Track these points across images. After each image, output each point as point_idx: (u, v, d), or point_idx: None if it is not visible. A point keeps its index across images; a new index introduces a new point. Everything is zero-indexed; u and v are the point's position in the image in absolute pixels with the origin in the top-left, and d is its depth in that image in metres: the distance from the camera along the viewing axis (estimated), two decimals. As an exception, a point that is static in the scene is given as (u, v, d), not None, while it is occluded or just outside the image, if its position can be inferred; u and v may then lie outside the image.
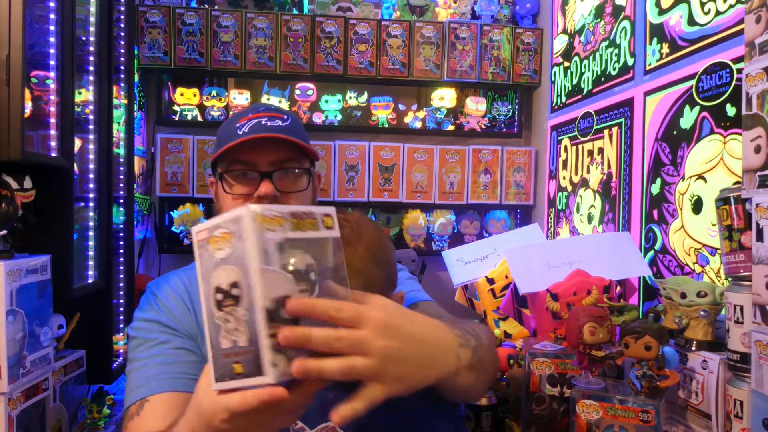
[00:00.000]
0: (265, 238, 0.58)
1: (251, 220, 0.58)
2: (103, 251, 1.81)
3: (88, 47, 1.81)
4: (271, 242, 0.59)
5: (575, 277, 1.40)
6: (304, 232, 0.63)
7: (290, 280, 0.60)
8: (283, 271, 0.60)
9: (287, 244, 0.60)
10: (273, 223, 0.60)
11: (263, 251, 0.58)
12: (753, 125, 0.92)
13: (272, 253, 0.59)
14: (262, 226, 0.59)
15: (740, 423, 0.95)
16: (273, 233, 0.59)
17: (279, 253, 0.59)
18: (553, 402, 1.22)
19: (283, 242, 0.60)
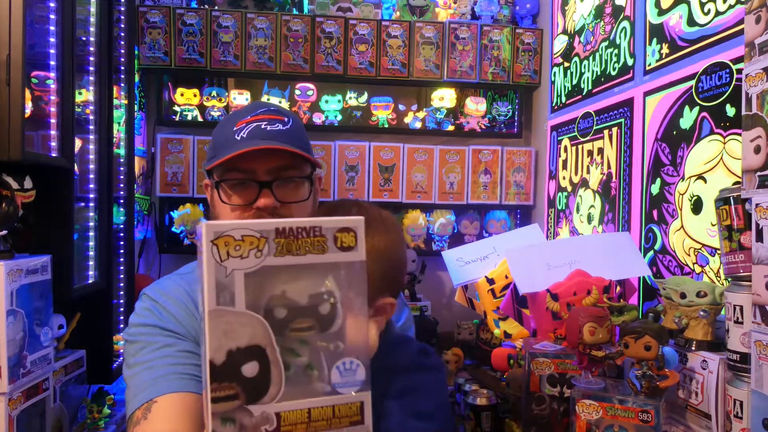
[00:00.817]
0: (220, 268, 0.48)
1: (207, 242, 0.48)
2: (104, 251, 1.81)
3: (89, 47, 1.81)
4: (233, 274, 0.48)
5: (575, 277, 1.40)
6: (297, 257, 0.51)
7: (261, 323, 0.50)
8: (251, 312, 0.50)
9: (267, 274, 0.50)
10: (243, 246, 0.49)
11: (216, 286, 0.48)
12: (753, 125, 0.92)
13: (234, 287, 0.49)
14: (224, 250, 0.48)
15: (740, 423, 0.95)
16: (238, 260, 0.48)
17: (249, 287, 0.49)
18: (553, 402, 1.22)
19: (258, 271, 0.49)
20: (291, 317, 0.53)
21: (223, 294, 0.49)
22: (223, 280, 0.49)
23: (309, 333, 0.53)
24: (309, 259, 0.52)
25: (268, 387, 0.52)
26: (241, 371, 0.50)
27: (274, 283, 0.52)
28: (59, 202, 1.57)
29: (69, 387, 1.55)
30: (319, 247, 0.53)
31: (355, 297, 0.55)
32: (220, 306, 0.49)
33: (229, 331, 0.50)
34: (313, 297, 0.53)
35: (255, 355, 0.51)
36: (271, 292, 0.52)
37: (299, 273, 0.52)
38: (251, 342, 0.51)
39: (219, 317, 0.49)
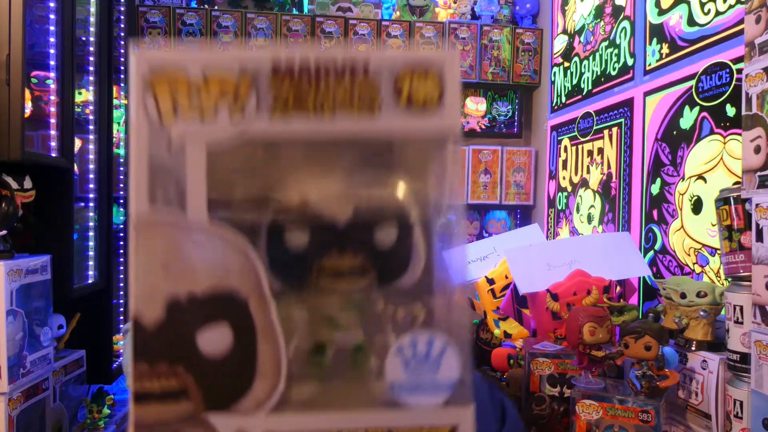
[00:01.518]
0: (159, 134, 0.27)
1: (138, 84, 0.27)
2: (104, 251, 1.81)
3: (89, 47, 1.81)
4: (185, 148, 0.27)
5: (575, 277, 1.40)
6: (317, 120, 0.28)
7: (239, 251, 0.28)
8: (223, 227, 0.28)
9: (256, 154, 0.29)
10: (207, 95, 0.28)
11: (149, 172, 0.27)
12: (753, 125, 0.92)
13: (186, 176, 0.27)
14: (168, 101, 0.27)
15: (740, 423, 0.95)
16: (197, 123, 0.27)
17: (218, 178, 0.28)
18: (553, 402, 1.22)
19: (238, 146, 0.27)
20: (317, 248, 0.29)
21: (164, 186, 0.27)
22: (164, 159, 0.26)
23: (355, 282, 0.29)
24: (343, 126, 0.28)
25: (252, 380, 0.28)
26: (195, 343, 0.27)
27: (274, 175, 0.29)
28: (59, 202, 1.57)
29: (69, 387, 1.55)
30: (364, 102, 0.28)
31: (442, 212, 0.30)
32: (156, 211, 0.26)
33: (175, 259, 0.27)
34: (361, 211, 0.29)
35: (225, 313, 0.27)
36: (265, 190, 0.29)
37: (325, 155, 0.29)
38: (219, 288, 0.27)
39: (154, 232, 0.26)
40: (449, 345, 0.29)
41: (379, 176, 0.30)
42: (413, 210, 0.30)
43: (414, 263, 0.30)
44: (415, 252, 0.30)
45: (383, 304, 0.31)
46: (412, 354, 0.29)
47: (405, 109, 0.28)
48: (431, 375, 0.28)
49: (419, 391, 0.28)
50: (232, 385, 0.28)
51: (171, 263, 0.27)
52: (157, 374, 0.27)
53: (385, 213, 0.30)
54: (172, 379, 0.27)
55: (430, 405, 0.28)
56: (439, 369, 0.29)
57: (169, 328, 0.27)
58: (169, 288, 0.27)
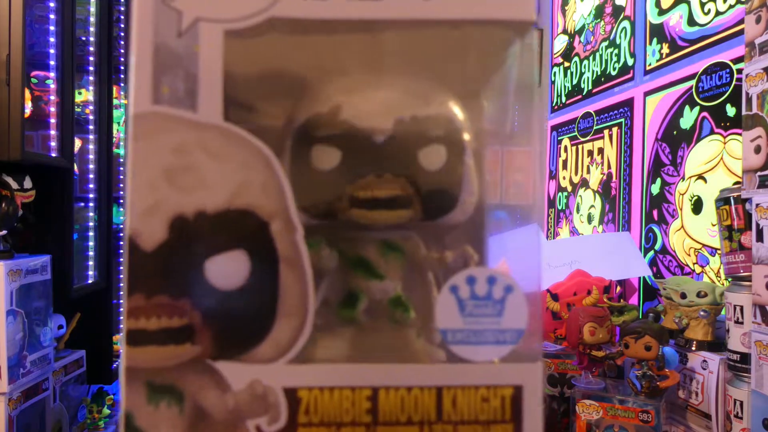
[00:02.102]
0: (166, 13, 0.22)
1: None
2: (104, 251, 1.81)
3: (89, 47, 1.81)
4: (197, 30, 0.21)
5: (575, 277, 1.40)
6: (356, 1, 0.22)
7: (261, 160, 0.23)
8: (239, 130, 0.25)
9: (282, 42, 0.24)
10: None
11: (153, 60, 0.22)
12: (753, 125, 0.92)
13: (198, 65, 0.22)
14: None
15: (740, 423, 0.95)
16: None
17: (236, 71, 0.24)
18: (553, 402, 1.22)
19: (259, 31, 0.22)
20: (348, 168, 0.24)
21: (171, 79, 0.21)
22: (172, 46, 0.21)
23: (395, 214, 0.24)
24: (389, 8, 0.22)
25: (272, 320, 0.22)
26: (204, 272, 0.22)
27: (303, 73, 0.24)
28: (59, 202, 1.57)
29: (69, 387, 1.55)
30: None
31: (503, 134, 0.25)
32: (160, 110, 0.21)
33: (181, 168, 0.21)
34: (404, 122, 0.23)
35: (242, 236, 0.22)
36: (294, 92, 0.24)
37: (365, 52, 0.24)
38: (234, 203, 0.22)
39: (156, 133, 0.21)
40: (515, 286, 0.22)
41: (429, 84, 0.24)
42: (467, 131, 0.25)
43: (466, 195, 0.25)
44: (467, 181, 0.24)
45: (428, 247, 0.25)
46: (470, 294, 0.22)
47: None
48: (492, 321, 0.23)
49: (476, 341, 0.22)
50: (247, 326, 0.22)
51: (177, 174, 0.22)
52: (156, 309, 0.22)
53: (434, 129, 0.24)
54: (174, 315, 0.22)
55: (490, 359, 0.23)
56: (503, 315, 0.22)
57: (173, 252, 0.22)
58: (174, 203, 0.22)
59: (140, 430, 0.21)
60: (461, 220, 0.25)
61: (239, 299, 0.22)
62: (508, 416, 0.22)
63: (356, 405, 0.21)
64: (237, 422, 0.21)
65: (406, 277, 0.25)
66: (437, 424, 0.22)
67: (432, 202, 0.24)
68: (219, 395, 0.22)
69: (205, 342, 0.22)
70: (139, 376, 0.21)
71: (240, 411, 0.21)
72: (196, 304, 0.22)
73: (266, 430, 0.21)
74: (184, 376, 0.22)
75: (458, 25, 0.22)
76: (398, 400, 0.21)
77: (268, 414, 0.21)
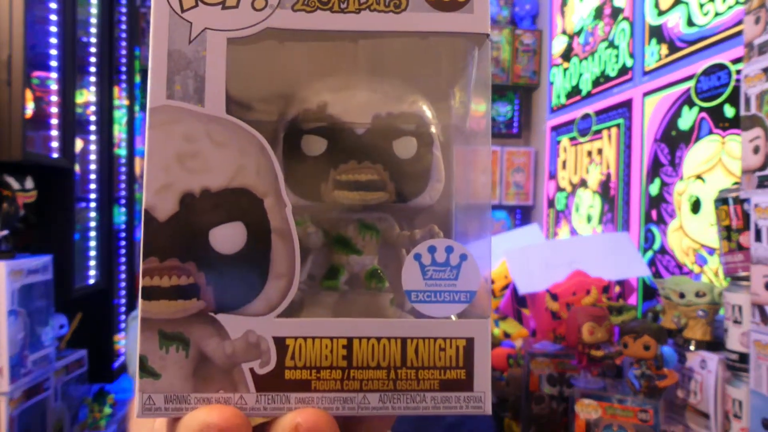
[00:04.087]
0: (179, 24, 0.26)
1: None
2: (105, 252, 1.82)
3: (90, 48, 1.81)
4: (205, 38, 0.27)
5: (574, 277, 1.40)
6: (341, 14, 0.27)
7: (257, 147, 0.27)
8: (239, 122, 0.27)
9: (277, 47, 0.28)
10: None
11: (168, 61, 0.26)
12: (751, 126, 0.93)
13: (205, 67, 0.26)
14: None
15: (739, 423, 0.96)
16: (218, 12, 0.27)
17: (237, 71, 0.27)
18: (553, 401, 1.22)
19: (257, 39, 0.27)
20: (333, 155, 0.29)
21: (182, 78, 0.26)
22: (184, 48, 0.26)
23: (373, 195, 0.29)
24: (367, 21, 0.27)
25: (264, 280, 0.27)
26: (208, 240, 0.26)
27: (294, 75, 0.29)
28: (60, 203, 1.57)
29: (70, 387, 1.55)
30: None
31: (465, 128, 0.30)
32: (172, 101, 0.26)
33: (189, 153, 0.26)
34: (381, 118, 0.29)
35: (240, 210, 0.27)
36: (287, 91, 0.29)
37: (347, 57, 0.29)
38: (233, 183, 0.27)
39: (170, 125, 0.26)
40: (469, 255, 0.27)
41: (402, 85, 0.30)
42: (435, 125, 0.30)
43: (433, 181, 0.29)
44: (435, 169, 0.29)
45: (401, 227, 0.30)
46: (431, 261, 0.27)
47: (432, 5, 0.27)
48: (449, 284, 0.27)
49: (435, 300, 0.27)
50: (243, 285, 0.27)
51: (186, 157, 0.26)
52: (167, 270, 0.26)
53: (406, 124, 0.29)
54: (182, 275, 0.26)
55: (447, 315, 0.27)
56: (458, 279, 0.27)
57: (182, 223, 0.26)
58: (183, 182, 0.26)
59: (152, 370, 0.26)
60: (429, 203, 0.30)
61: (237, 263, 0.26)
62: (461, 363, 0.27)
63: (334, 352, 0.27)
64: (234, 365, 0.26)
65: (382, 253, 0.30)
66: (402, 369, 0.27)
67: (404, 186, 0.29)
68: (219, 342, 0.26)
69: (208, 298, 0.26)
70: (152, 326, 0.26)
71: (236, 356, 0.26)
72: (201, 266, 0.26)
73: (259, 372, 0.26)
74: (190, 326, 0.26)
75: (426, 36, 0.27)
76: (369, 349, 0.27)
77: (260, 359, 0.26)
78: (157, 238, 0.26)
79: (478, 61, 0.29)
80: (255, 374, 0.26)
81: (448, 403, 0.27)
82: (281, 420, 0.25)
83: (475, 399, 0.27)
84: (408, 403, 0.27)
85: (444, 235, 0.29)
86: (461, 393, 0.27)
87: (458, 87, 0.30)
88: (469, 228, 0.30)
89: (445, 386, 0.27)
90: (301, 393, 0.26)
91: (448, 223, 0.30)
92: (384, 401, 0.27)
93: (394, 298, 0.29)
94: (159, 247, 0.26)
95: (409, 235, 0.30)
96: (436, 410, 0.27)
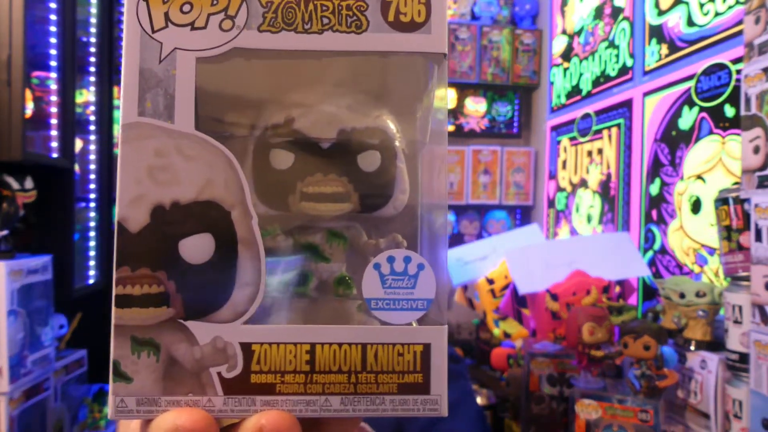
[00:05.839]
0: (150, 44, 0.27)
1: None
2: (105, 251, 1.82)
3: (89, 48, 1.81)
4: (175, 57, 0.28)
5: (574, 277, 1.40)
6: (305, 35, 0.28)
7: (223, 161, 0.28)
8: (208, 138, 0.28)
9: (244, 67, 0.29)
10: (198, 5, 0.28)
11: (139, 79, 0.28)
12: (752, 126, 0.93)
13: (173, 85, 0.28)
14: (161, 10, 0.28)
15: (739, 423, 0.96)
16: (187, 32, 0.28)
17: (205, 89, 0.29)
18: (553, 401, 1.22)
19: (226, 58, 0.28)
20: (299, 169, 0.29)
21: (153, 96, 0.27)
22: (154, 67, 0.27)
23: (338, 206, 0.30)
24: (330, 42, 0.28)
25: (231, 289, 0.28)
26: (177, 250, 0.27)
27: (262, 92, 0.30)
28: (60, 203, 1.57)
29: (70, 387, 1.55)
30: (351, 17, 0.28)
31: (426, 141, 0.31)
32: (144, 118, 0.27)
33: (160, 167, 0.27)
34: (346, 132, 0.30)
35: (208, 222, 0.28)
36: (254, 107, 0.30)
37: (313, 75, 0.30)
38: (201, 196, 0.27)
39: (141, 140, 0.27)
40: (426, 265, 0.29)
41: (366, 101, 0.31)
42: (398, 139, 0.31)
43: (398, 193, 0.31)
44: (399, 181, 0.31)
45: (367, 235, 0.31)
46: (389, 270, 0.29)
47: (390, 27, 0.29)
48: (407, 292, 0.29)
49: (394, 308, 0.29)
50: (211, 293, 0.28)
51: (157, 171, 0.27)
52: (139, 279, 0.27)
53: (370, 138, 0.30)
54: (153, 284, 0.27)
55: (405, 322, 0.29)
56: (416, 287, 0.29)
57: (153, 234, 0.27)
58: (154, 195, 0.27)
59: (125, 374, 0.27)
60: (394, 214, 0.31)
61: (205, 272, 0.28)
62: (419, 367, 0.28)
63: (298, 357, 0.28)
64: (202, 369, 0.27)
65: (350, 260, 0.31)
66: (362, 374, 0.28)
67: (368, 197, 0.30)
68: (188, 347, 0.27)
69: (177, 305, 0.28)
70: (125, 332, 0.27)
71: (204, 360, 0.27)
72: (171, 275, 0.27)
73: (226, 376, 0.27)
74: (161, 332, 0.27)
75: (387, 55, 0.29)
76: (331, 354, 0.28)
77: (227, 363, 0.27)
78: (130, 249, 0.27)
79: (437, 79, 0.30)
80: (222, 378, 0.27)
81: (406, 406, 0.28)
82: (246, 422, 0.26)
83: (432, 402, 0.29)
84: (368, 406, 0.28)
85: (410, 242, 0.30)
86: (418, 396, 0.28)
87: (420, 102, 0.32)
88: (427, 230, 0.32)
89: (403, 389, 0.28)
90: (267, 396, 0.28)
91: (414, 232, 0.31)
92: (345, 404, 0.28)
93: (361, 304, 0.30)
94: (131, 257, 0.27)
95: (375, 244, 0.31)
96: (394, 412, 0.29)
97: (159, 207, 0.27)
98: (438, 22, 0.29)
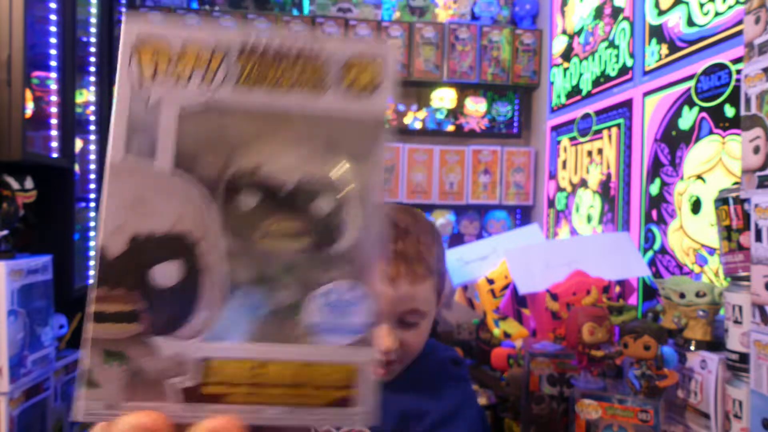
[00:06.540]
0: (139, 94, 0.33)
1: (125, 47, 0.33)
2: (104, 251, 1.82)
3: (89, 48, 1.81)
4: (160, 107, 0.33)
5: (575, 277, 1.40)
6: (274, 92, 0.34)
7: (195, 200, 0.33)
8: (184, 177, 0.33)
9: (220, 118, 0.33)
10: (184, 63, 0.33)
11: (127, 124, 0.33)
12: (752, 126, 0.93)
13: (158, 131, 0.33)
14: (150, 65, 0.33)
15: (739, 423, 0.96)
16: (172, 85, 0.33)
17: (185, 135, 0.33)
18: (553, 402, 1.22)
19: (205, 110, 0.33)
20: (264, 210, 0.33)
21: (138, 139, 0.31)
22: (142, 115, 0.32)
23: (295, 243, 0.34)
24: (293, 99, 0.33)
25: (192, 311, 0.32)
26: (149, 275, 0.32)
27: (234, 140, 0.33)
28: (60, 203, 1.57)
29: (70, 387, 1.55)
30: (314, 81, 0.33)
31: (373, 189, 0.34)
32: (130, 158, 0.31)
33: (141, 202, 0.31)
34: (304, 181, 0.34)
35: (178, 251, 0.32)
36: (226, 153, 0.33)
37: (279, 127, 0.34)
38: (174, 228, 0.32)
39: (125, 177, 0.31)
40: (363, 296, 0.34)
41: (322, 152, 0.35)
42: (349, 186, 0.35)
43: (347, 233, 0.34)
44: (351, 222, 0.34)
45: (317, 269, 0.35)
46: (334, 299, 0.34)
47: (346, 92, 0.34)
48: (346, 318, 0.33)
49: (332, 332, 0.33)
50: (176, 314, 0.32)
51: (137, 205, 0.32)
52: (115, 298, 0.31)
53: (323, 185, 0.34)
54: (127, 303, 0.32)
55: (340, 344, 0.33)
56: (354, 314, 0.33)
57: (129, 260, 0.32)
58: (132, 226, 0.32)
59: (95, 382, 0.31)
60: (342, 251, 0.34)
61: (172, 295, 0.32)
62: (352, 383, 0.33)
63: (246, 371, 0.32)
64: (164, 379, 0.32)
65: (300, 290, 0.34)
66: (302, 387, 0.33)
67: (321, 236, 0.34)
68: (153, 360, 0.31)
69: (146, 322, 0.32)
70: (98, 344, 0.31)
71: (166, 372, 0.32)
72: (143, 296, 0.32)
73: (184, 386, 0.32)
74: (129, 345, 0.32)
75: (337, 120, 0.34)
76: (276, 369, 0.33)
77: (186, 375, 0.32)
78: (108, 272, 0.32)
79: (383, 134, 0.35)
80: (181, 388, 0.32)
81: (339, 417, 0.33)
82: (198, 426, 0.30)
83: (363, 414, 0.33)
84: (306, 416, 0.33)
85: (358, 273, 0.34)
86: (350, 409, 0.33)
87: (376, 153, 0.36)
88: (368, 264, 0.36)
89: (337, 403, 0.33)
90: (218, 405, 0.32)
91: (363, 264, 0.35)
92: (286, 413, 0.32)
93: (307, 326, 0.34)
94: (109, 279, 0.31)
95: (324, 276, 0.35)
96: (329, 423, 0.33)
97: (136, 237, 0.32)
98: (383, 91, 0.34)
